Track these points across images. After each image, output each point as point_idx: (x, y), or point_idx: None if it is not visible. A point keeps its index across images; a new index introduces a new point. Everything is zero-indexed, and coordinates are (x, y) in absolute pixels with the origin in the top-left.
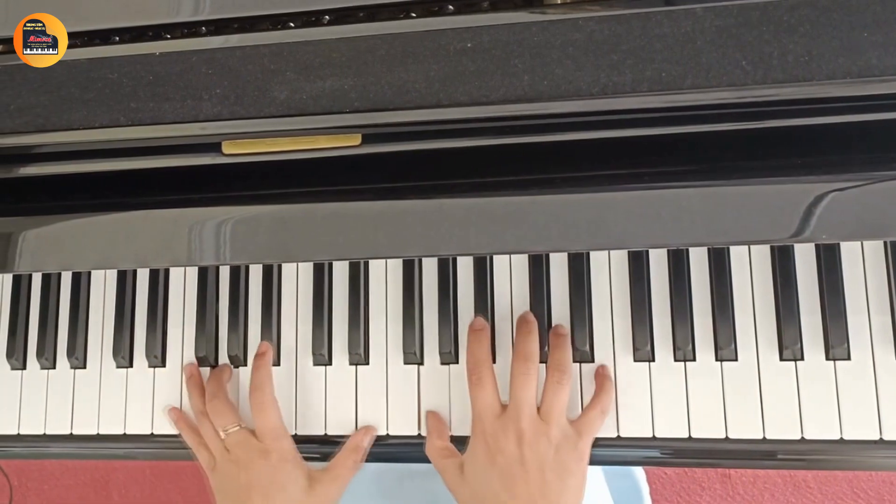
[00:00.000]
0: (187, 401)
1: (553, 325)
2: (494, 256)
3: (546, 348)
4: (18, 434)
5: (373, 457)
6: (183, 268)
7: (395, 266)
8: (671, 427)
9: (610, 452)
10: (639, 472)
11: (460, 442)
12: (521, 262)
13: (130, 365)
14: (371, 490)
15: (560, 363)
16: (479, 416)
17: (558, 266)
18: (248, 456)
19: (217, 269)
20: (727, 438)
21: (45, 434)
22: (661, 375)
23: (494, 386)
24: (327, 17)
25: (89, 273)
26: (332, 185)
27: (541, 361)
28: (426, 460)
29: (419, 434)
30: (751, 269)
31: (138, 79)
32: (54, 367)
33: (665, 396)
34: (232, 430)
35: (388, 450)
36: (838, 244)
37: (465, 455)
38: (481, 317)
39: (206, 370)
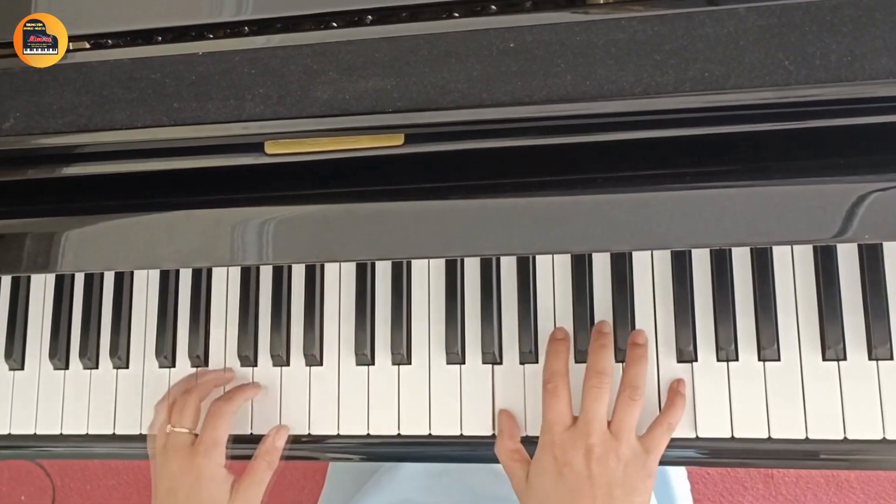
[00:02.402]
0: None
1: (632, 330)
2: (537, 256)
3: (589, 344)
4: (61, 434)
5: (417, 457)
6: (225, 268)
7: (438, 266)
8: (714, 427)
9: None
10: (681, 471)
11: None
12: (563, 262)
13: (173, 365)
14: (411, 486)
15: (634, 380)
16: (549, 427)
17: (601, 266)
18: (179, 463)
19: (259, 268)
20: (770, 438)
21: (87, 434)
22: (703, 375)
23: (568, 398)
24: (370, 16)
25: (132, 273)
26: (375, 185)
27: (582, 361)
28: (473, 460)
29: (461, 434)
30: (793, 268)
31: (181, 79)
32: (97, 368)
33: (708, 396)
34: (178, 429)
35: (432, 449)
36: (881, 244)
37: (532, 463)
38: (563, 327)
39: (248, 370)
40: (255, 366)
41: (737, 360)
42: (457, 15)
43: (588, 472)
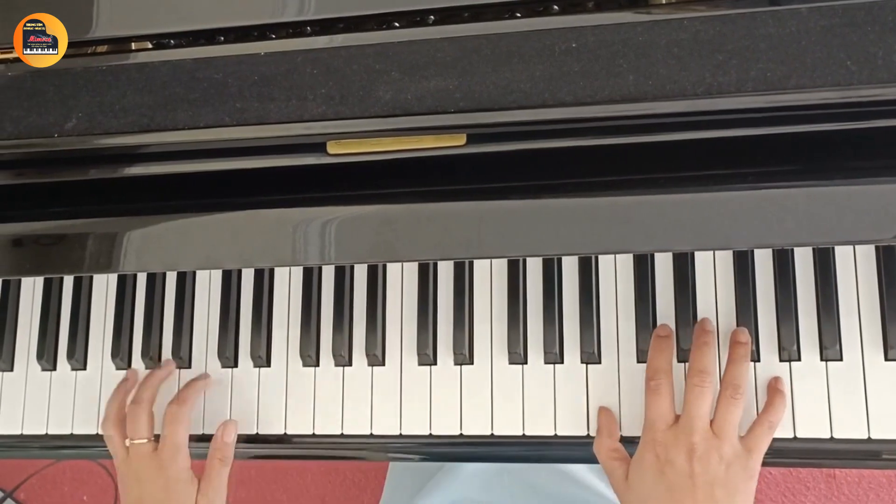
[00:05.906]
0: (290, 401)
1: (734, 329)
2: (599, 256)
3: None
4: None
5: (478, 457)
6: (288, 268)
7: (500, 266)
8: (777, 427)
9: None
10: None
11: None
12: (625, 262)
13: (235, 365)
14: (472, 484)
15: (736, 378)
16: (651, 424)
17: (663, 266)
18: (146, 472)
19: (321, 269)
20: (832, 438)
21: None
22: (766, 375)
23: (671, 396)
24: (432, 17)
25: (194, 273)
26: (437, 185)
27: (639, 360)
28: (535, 460)
29: (523, 434)
30: (856, 268)
31: (243, 79)
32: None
33: None
34: (138, 441)
35: (494, 450)
36: None
37: (633, 461)
38: (667, 324)
39: (309, 370)
40: (318, 366)
41: (799, 360)
42: (519, 15)
43: (690, 470)
